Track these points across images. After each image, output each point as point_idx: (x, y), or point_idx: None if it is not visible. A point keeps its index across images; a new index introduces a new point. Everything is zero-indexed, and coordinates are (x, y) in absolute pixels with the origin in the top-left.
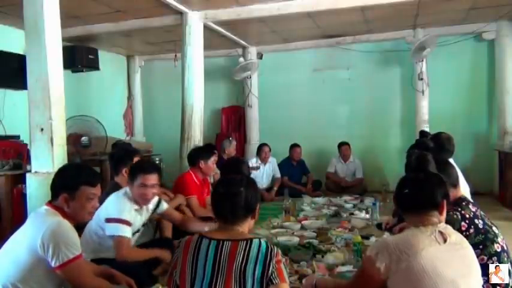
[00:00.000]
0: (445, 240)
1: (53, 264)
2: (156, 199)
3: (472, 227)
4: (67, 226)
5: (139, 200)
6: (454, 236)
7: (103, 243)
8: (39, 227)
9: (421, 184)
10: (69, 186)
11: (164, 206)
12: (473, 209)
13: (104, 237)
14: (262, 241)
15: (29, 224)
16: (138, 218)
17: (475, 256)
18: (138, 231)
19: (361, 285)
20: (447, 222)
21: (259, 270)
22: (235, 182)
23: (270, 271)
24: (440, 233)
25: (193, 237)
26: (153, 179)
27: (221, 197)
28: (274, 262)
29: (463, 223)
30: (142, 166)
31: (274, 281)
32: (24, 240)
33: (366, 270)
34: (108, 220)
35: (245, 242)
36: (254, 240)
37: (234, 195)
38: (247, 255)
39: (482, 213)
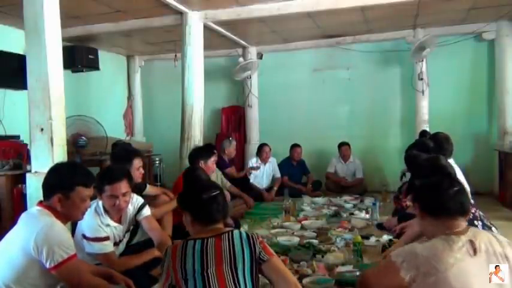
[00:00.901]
0: (475, 251)
1: (47, 265)
2: (139, 203)
3: None
4: (60, 227)
5: (112, 212)
6: (483, 243)
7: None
8: (32, 228)
9: (457, 190)
10: (64, 186)
11: (145, 213)
12: (472, 210)
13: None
14: (241, 230)
15: (21, 225)
16: (114, 230)
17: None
18: (124, 237)
19: (381, 282)
20: None
21: (247, 252)
22: (210, 186)
23: (257, 251)
24: (471, 242)
25: (178, 243)
26: (122, 187)
27: (207, 201)
28: (258, 243)
29: None
30: (108, 175)
31: (264, 259)
32: (18, 241)
33: (385, 272)
34: (85, 238)
35: (227, 233)
36: (234, 231)
37: (217, 197)
38: (232, 243)
39: (481, 213)
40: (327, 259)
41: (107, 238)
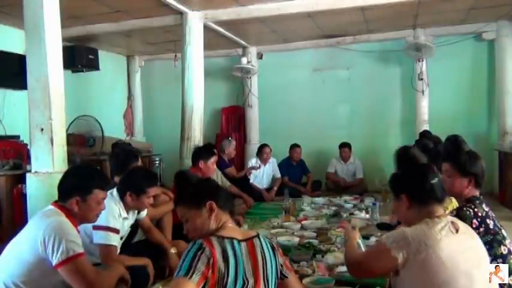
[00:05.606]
0: (457, 230)
1: (54, 261)
2: None
3: (483, 225)
4: (68, 225)
5: (137, 208)
6: (462, 226)
7: (92, 252)
8: (40, 225)
9: (439, 177)
10: (83, 189)
11: (143, 213)
12: (486, 209)
13: (90, 247)
14: (264, 237)
15: (31, 222)
16: (125, 224)
17: (483, 245)
18: (123, 236)
19: (372, 265)
20: (459, 217)
21: (274, 263)
22: None
23: (279, 264)
24: (452, 223)
25: (210, 239)
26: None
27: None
28: (279, 255)
29: (474, 220)
30: (151, 177)
31: (286, 275)
32: (26, 240)
33: (376, 253)
34: (97, 228)
35: (257, 239)
36: (260, 236)
37: None
38: (263, 251)
39: (493, 215)
40: (327, 259)
41: (117, 231)
